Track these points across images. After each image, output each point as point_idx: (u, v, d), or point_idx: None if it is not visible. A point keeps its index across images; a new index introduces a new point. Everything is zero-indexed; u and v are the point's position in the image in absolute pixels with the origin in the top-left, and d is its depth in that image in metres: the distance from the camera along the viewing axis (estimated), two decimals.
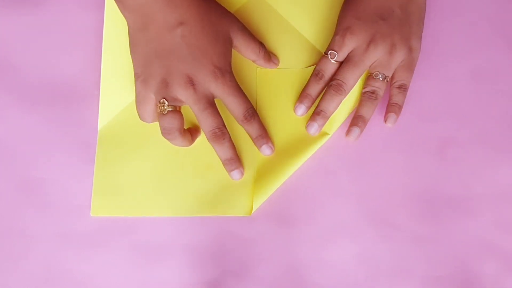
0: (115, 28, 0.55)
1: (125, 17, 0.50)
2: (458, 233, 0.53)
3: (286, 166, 0.53)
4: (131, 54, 0.50)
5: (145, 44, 0.49)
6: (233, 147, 0.52)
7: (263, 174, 0.53)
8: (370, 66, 0.53)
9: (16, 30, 0.56)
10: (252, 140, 0.53)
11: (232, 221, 0.53)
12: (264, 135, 0.52)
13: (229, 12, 0.52)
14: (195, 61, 0.49)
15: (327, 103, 0.53)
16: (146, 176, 0.53)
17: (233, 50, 0.52)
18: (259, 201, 0.52)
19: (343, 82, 0.52)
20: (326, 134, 0.54)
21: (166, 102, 0.49)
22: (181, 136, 0.50)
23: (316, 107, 0.54)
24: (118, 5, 0.50)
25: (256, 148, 0.53)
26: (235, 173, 0.52)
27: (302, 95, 0.54)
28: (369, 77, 0.53)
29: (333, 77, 0.53)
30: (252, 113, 0.51)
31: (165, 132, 0.49)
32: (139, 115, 0.51)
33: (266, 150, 0.53)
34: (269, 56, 0.54)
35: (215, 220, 0.53)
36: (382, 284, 0.52)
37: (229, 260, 0.52)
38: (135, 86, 0.50)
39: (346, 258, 0.52)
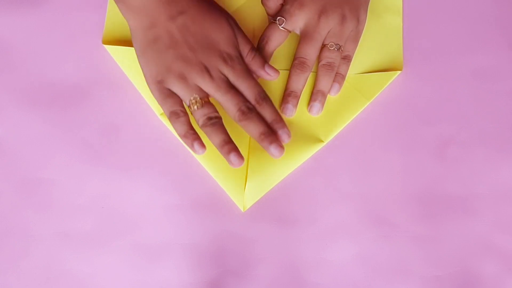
0: (115, 28, 0.56)
1: (129, 19, 0.49)
2: (458, 233, 0.53)
3: (280, 169, 0.53)
4: (140, 59, 0.49)
5: (154, 42, 0.48)
6: (265, 122, 0.49)
7: (256, 173, 0.53)
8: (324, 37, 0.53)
9: (16, 30, 0.56)
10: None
11: (232, 221, 0.53)
12: (278, 119, 0.49)
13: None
14: (204, 49, 0.48)
15: (295, 82, 0.53)
16: None
17: None
18: (251, 200, 0.53)
19: (305, 58, 0.52)
20: (321, 141, 0.54)
21: (198, 97, 0.48)
22: (222, 124, 0.49)
23: (286, 89, 0.53)
24: (120, 7, 0.49)
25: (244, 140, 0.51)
26: (273, 148, 0.48)
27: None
28: (324, 48, 0.53)
29: (294, 56, 0.53)
30: (264, 96, 0.49)
31: (208, 121, 0.48)
32: (169, 119, 0.49)
33: (283, 135, 0.48)
34: (260, 62, 0.52)
35: (215, 220, 0.53)
36: (382, 284, 0.52)
37: (229, 260, 0.52)
38: (152, 90, 0.49)
39: (346, 258, 0.52)
